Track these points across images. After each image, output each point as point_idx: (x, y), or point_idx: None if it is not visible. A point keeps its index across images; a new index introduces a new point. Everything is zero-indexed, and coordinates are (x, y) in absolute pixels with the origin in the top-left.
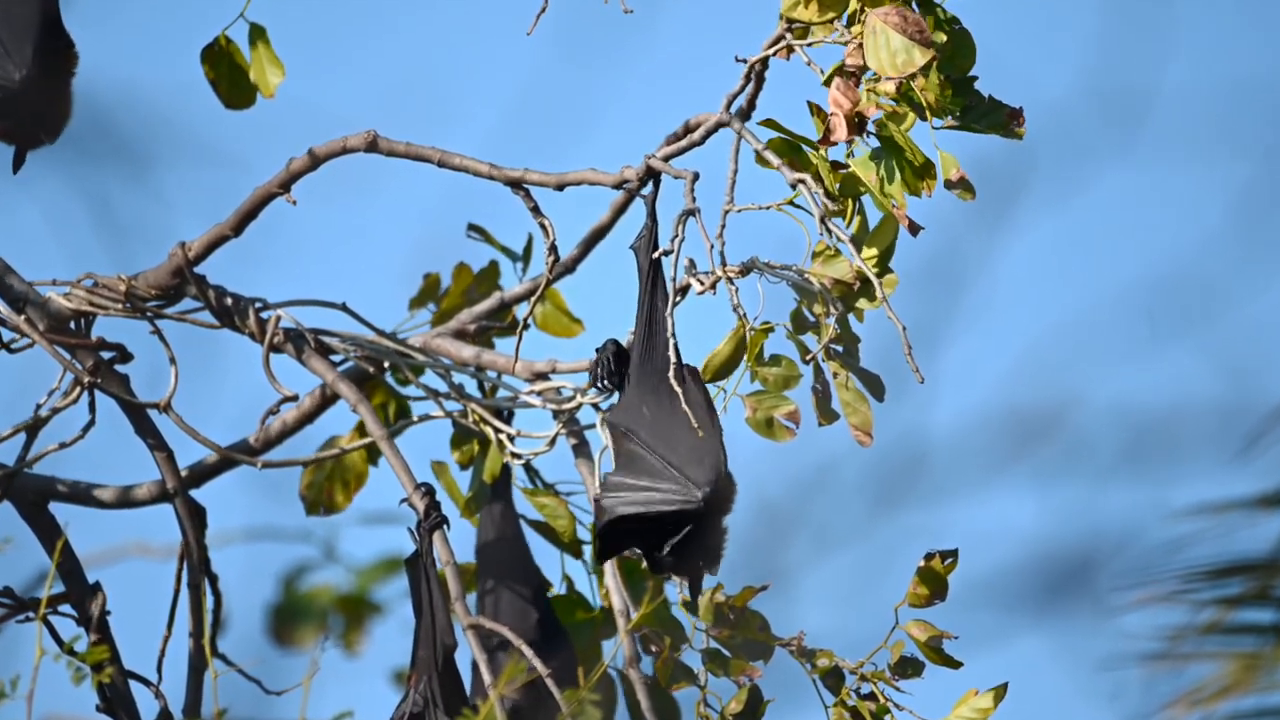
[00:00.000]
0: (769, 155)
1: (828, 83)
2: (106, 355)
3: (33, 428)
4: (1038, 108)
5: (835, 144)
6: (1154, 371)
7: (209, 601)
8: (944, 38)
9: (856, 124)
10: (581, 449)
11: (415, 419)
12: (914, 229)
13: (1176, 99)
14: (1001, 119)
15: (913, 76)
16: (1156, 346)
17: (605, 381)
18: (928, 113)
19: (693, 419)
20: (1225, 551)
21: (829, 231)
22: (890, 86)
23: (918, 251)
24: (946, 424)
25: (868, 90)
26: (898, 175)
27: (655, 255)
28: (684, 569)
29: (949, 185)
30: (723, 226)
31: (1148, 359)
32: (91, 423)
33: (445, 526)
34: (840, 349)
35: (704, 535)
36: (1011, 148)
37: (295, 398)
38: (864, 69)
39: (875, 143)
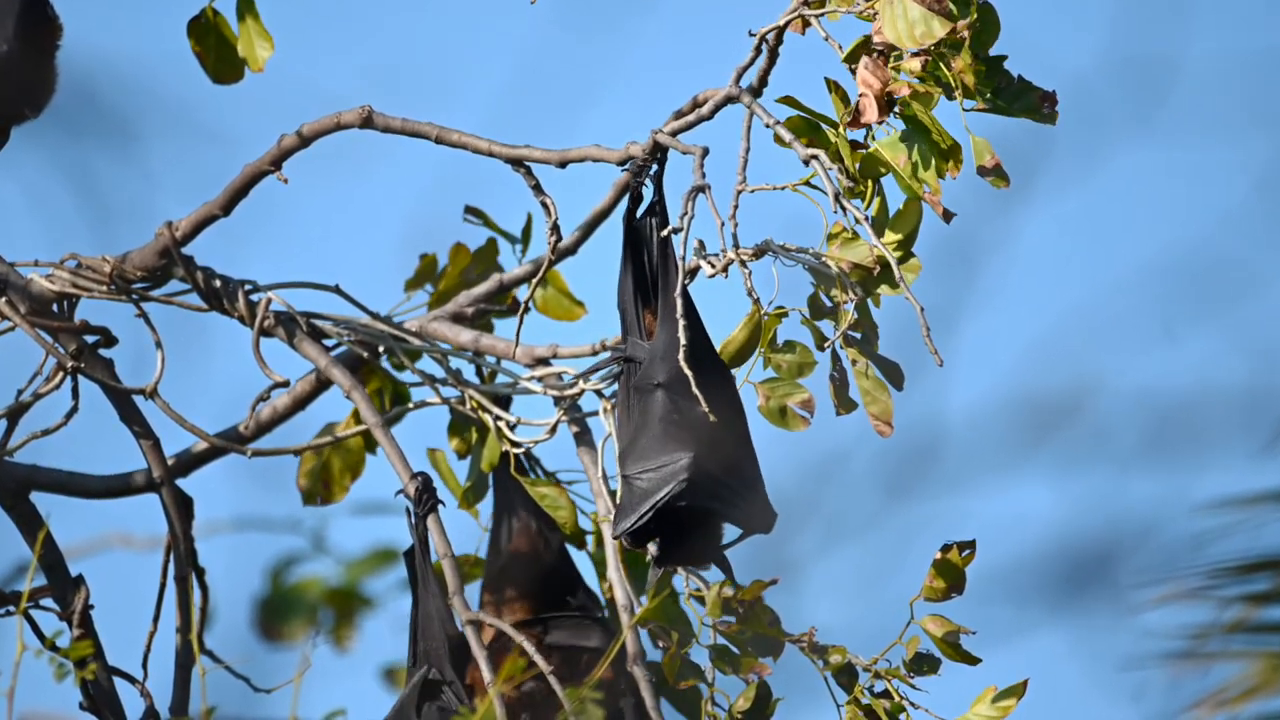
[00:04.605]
0: (781, 130)
1: (849, 59)
2: (90, 339)
3: (13, 414)
4: (1057, 83)
5: (866, 126)
6: (1177, 356)
7: (196, 595)
8: (974, 14)
9: (887, 104)
10: (583, 437)
11: (411, 406)
12: (947, 216)
13: (1199, 73)
14: (1033, 102)
15: (941, 55)
16: (1173, 341)
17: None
18: (959, 94)
19: (704, 405)
20: (1252, 546)
21: (844, 210)
22: (916, 65)
23: (932, 233)
24: (962, 410)
25: (891, 67)
26: (932, 160)
27: (664, 234)
28: (695, 559)
29: (983, 172)
30: (735, 207)
31: (1170, 343)
32: (74, 409)
33: (438, 509)
34: (858, 336)
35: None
36: (1030, 125)
37: (286, 383)
38: (892, 46)
39: (899, 124)
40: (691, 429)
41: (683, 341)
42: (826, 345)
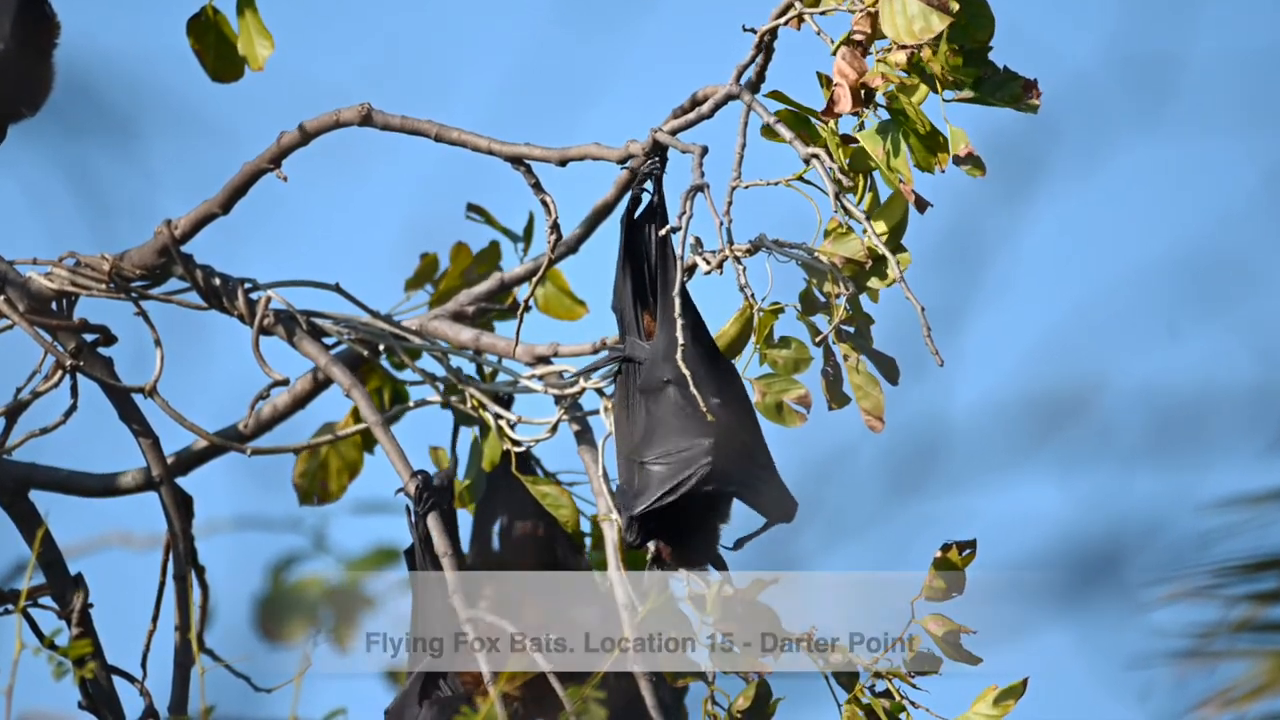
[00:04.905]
0: (781, 129)
1: (837, 52)
2: (89, 337)
3: (12, 412)
4: (1060, 79)
5: (838, 115)
6: (1181, 354)
7: (196, 594)
8: (956, 6)
9: (862, 96)
10: (584, 436)
11: (411, 404)
12: (921, 205)
13: (1203, 71)
14: (1016, 91)
15: (921, 46)
16: (1178, 339)
17: None
18: (938, 84)
19: (702, 404)
20: (1258, 544)
21: (844, 209)
22: (901, 57)
23: (935, 229)
24: (966, 408)
25: (878, 60)
26: (903, 149)
27: (663, 233)
28: (694, 558)
29: (958, 161)
30: (729, 203)
31: (1175, 341)
32: (73, 407)
33: (439, 509)
34: (852, 330)
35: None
36: (1033, 120)
37: (286, 382)
38: (873, 38)
39: (886, 115)
40: (706, 420)
41: (680, 341)
42: (820, 340)
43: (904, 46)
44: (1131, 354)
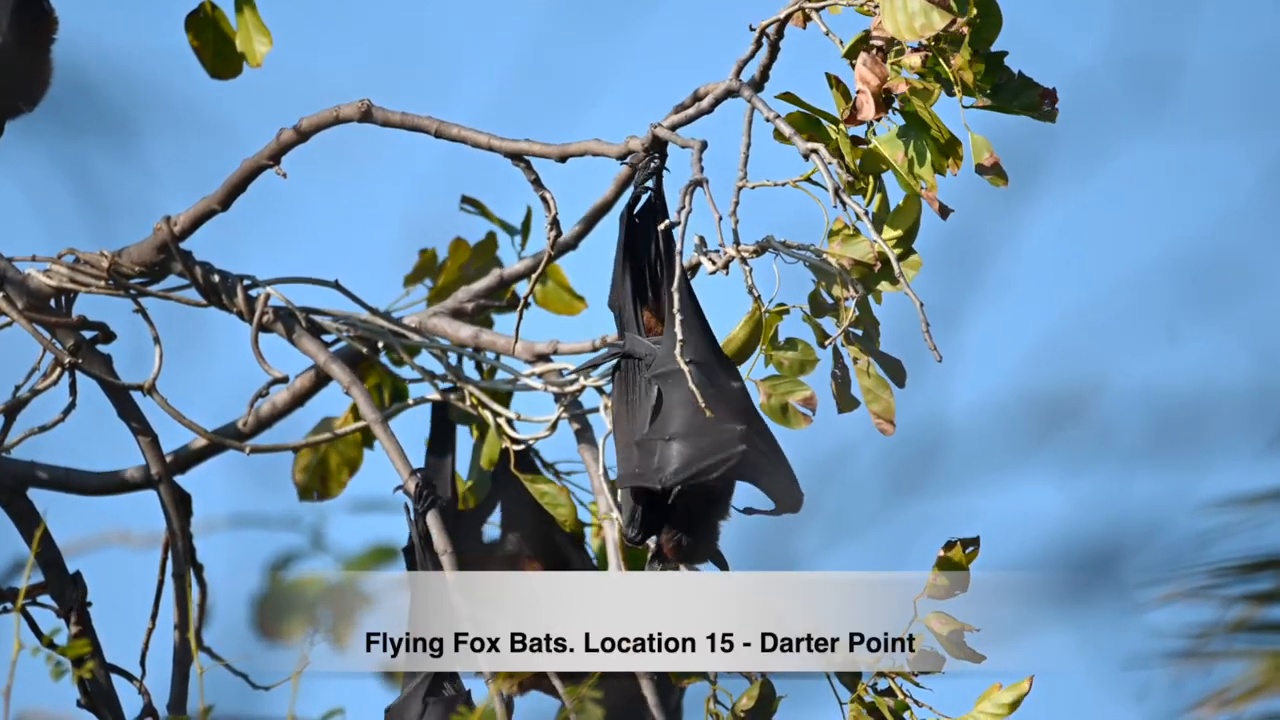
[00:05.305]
0: (782, 125)
1: (849, 54)
2: (88, 335)
3: (11, 410)
4: (1061, 79)
5: (862, 122)
6: (1180, 354)
7: (194, 592)
8: (974, 10)
9: (884, 100)
10: (584, 434)
11: (410, 402)
12: (944, 212)
13: (1203, 71)
14: (1034, 99)
15: (942, 51)
16: (1177, 340)
17: None
18: (958, 90)
19: (699, 399)
20: (1255, 545)
21: (844, 205)
22: (916, 60)
23: (936, 229)
24: (966, 408)
25: (892, 63)
26: (928, 155)
27: (662, 227)
28: (695, 554)
29: (981, 170)
30: (736, 203)
31: (1174, 341)
32: (72, 405)
33: (438, 507)
34: (860, 333)
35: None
36: (1034, 121)
37: (285, 379)
38: (891, 42)
39: (899, 119)
40: (729, 406)
41: (679, 337)
42: (828, 343)
43: (917, 49)
44: (1131, 354)
